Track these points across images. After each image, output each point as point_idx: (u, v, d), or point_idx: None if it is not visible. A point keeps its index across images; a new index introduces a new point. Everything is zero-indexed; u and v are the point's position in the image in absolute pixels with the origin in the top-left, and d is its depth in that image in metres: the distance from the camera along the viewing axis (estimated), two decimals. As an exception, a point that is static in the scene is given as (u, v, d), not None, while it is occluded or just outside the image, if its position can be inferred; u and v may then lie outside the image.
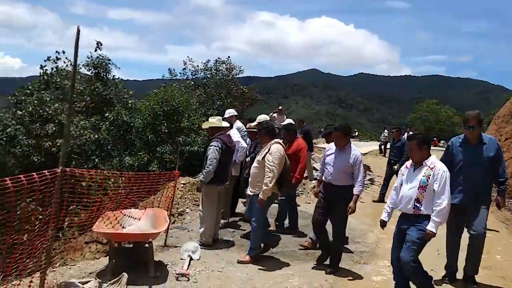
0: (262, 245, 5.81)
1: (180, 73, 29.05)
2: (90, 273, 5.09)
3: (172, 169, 21.00)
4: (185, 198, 11.95)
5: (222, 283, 4.83)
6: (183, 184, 15.32)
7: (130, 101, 20.62)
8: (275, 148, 5.59)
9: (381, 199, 10.61)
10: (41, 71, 19.02)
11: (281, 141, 5.88)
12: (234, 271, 5.27)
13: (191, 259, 5.50)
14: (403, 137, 12.08)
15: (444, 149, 5.41)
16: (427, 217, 4.22)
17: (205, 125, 6.97)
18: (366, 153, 23.12)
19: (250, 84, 36.77)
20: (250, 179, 5.87)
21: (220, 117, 7.12)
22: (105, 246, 7.38)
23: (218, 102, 27.10)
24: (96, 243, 8.18)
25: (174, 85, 24.46)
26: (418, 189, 4.29)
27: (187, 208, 9.54)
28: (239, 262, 5.53)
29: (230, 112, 8.79)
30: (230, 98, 27.56)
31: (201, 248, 5.91)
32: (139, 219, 5.63)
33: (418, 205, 4.29)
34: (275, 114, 14.92)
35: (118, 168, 18.19)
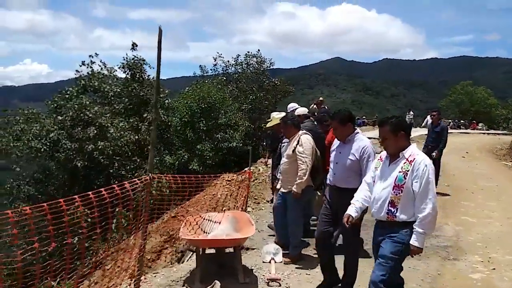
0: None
1: (211, 69, 28.93)
2: (175, 280, 4.92)
3: (212, 166, 21.17)
4: (239, 195, 11.85)
5: (314, 286, 4.57)
6: (228, 181, 15.23)
7: (166, 101, 20.61)
8: (305, 139, 5.27)
9: None
10: (76, 75, 19.23)
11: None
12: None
13: (274, 262, 5.27)
14: (442, 121, 11.34)
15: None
16: (405, 225, 3.30)
17: (271, 123, 6.73)
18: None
19: (274, 76, 36.47)
20: (281, 178, 5.57)
21: (283, 113, 6.84)
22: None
23: (251, 97, 26.86)
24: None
25: (207, 81, 24.35)
26: (392, 189, 3.34)
27: (248, 206, 9.27)
28: (285, 263, 5.25)
29: (294, 106, 8.35)
30: (263, 92, 27.28)
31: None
32: (219, 223, 5.42)
33: (392, 209, 3.33)
34: (315, 106, 14.55)
35: (159, 168, 18.23)
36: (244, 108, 25.49)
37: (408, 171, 3.28)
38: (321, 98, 15.65)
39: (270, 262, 5.26)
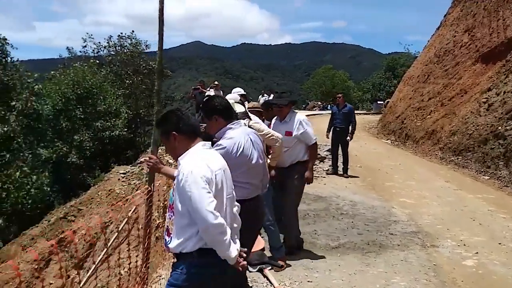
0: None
1: (80, 51, 26.44)
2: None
3: (93, 157, 19.47)
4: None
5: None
6: (123, 174, 14.07)
7: (36, 86, 18.21)
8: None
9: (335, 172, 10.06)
10: None
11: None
12: (325, 278, 4.43)
13: (261, 270, 4.58)
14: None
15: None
16: (185, 258, 2.40)
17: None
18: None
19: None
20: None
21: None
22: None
23: (127, 81, 25.25)
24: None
25: (77, 64, 22.14)
26: (168, 213, 2.68)
27: None
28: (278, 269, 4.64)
29: (240, 91, 7.77)
30: (140, 76, 25.77)
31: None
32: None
33: (167, 238, 2.61)
34: (212, 90, 14.16)
35: (34, 162, 16.15)
36: (121, 94, 23.83)
37: (175, 185, 2.45)
38: (216, 82, 15.39)
39: (261, 271, 4.60)
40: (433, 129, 14.73)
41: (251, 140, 3.34)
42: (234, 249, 2.38)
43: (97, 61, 25.14)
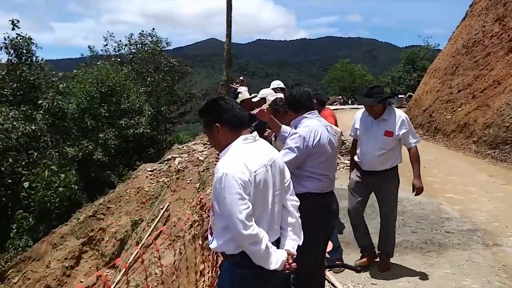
0: None
1: (101, 50, 26.52)
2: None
3: (118, 155, 19.46)
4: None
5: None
6: (150, 171, 13.98)
7: (60, 84, 18.26)
8: None
9: None
10: None
11: None
12: (390, 281, 4.17)
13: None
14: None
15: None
16: (229, 258, 2.29)
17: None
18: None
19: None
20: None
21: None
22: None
23: (149, 79, 25.22)
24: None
25: (99, 63, 22.14)
26: (211, 211, 2.38)
27: None
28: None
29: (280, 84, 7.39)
30: (161, 73, 25.71)
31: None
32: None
33: (210, 238, 2.39)
34: (241, 87, 14.02)
35: (61, 160, 16.18)
36: (143, 91, 23.80)
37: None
38: (241, 78, 15.30)
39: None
40: (465, 122, 14.33)
41: (327, 130, 3.14)
42: (274, 257, 2.21)
43: (119, 59, 25.18)
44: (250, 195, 2.16)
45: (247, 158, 2.22)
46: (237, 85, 13.75)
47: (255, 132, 2.41)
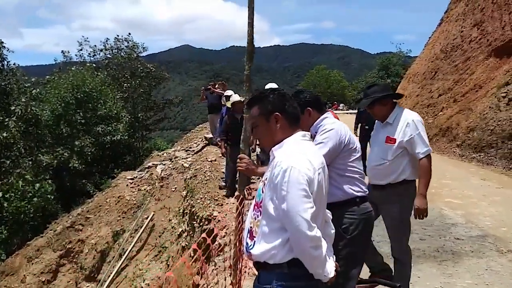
0: None
1: (75, 55, 25.81)
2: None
3: (94, 163, 18.85)
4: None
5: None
6: (131, 179, 13.49)
7: (34, 90, 17.56)
8: None
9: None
10: None
11: None
12: None
13: None
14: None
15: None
16: (273, 269, 1.93)
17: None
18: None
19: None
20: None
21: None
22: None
23: (125, 85, 24.64)
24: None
25: (73, 68, 21.47)
26: (253, 211, 2.07)
27: (212, 210, 7.77)
28: None
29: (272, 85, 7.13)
30: (138, 79, 25.17)
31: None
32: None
33: (249, 242, 2.03)
34: (229, 91, 13.69)
35: (35, 169, 15.51)
36: (120, 97, 23.23)
37: (267, 179, 2.01)
38: (222, 81, 15.11)
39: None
40: (448, 126, 14.37)
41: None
42: (331, 267, 1.95)
43: (94, 65, 24.53)
44: (313, 194, 1.89)
45: (309, 154, 1.98)
46: (219, 88, 13.43)
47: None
